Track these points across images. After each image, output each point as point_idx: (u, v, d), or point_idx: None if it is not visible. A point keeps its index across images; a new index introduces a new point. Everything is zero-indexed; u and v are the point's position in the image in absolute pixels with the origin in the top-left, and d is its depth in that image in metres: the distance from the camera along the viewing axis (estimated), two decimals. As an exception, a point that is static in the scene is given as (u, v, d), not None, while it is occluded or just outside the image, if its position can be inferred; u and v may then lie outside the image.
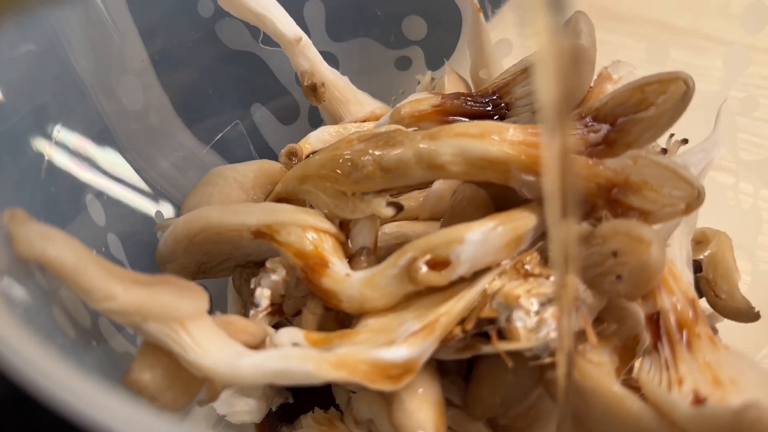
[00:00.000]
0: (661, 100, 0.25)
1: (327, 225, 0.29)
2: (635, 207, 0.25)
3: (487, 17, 0.42)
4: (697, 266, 0.34)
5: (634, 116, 0.26)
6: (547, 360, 0.24)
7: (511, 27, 0.43)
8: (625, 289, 0.24)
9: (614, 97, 0.27)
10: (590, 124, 0.27)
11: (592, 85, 0.31)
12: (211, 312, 0.25)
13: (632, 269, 0.23)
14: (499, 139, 0.26)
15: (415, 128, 0.33)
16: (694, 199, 0.24)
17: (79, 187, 0.28)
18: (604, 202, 0.25)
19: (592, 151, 0.26)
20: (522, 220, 0.27)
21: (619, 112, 0.26)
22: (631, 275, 0.24)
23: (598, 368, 0.23)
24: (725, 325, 0.34)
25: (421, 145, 0.27)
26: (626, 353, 0.25)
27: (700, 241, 0.35)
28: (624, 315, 0.26)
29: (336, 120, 0.39)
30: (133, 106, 0.33)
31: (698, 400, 0.20)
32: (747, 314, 0.32)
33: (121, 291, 0.21)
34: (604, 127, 0.27)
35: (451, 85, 0.39)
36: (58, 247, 0.21)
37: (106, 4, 0.31)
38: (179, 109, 0.35)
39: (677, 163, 0.24)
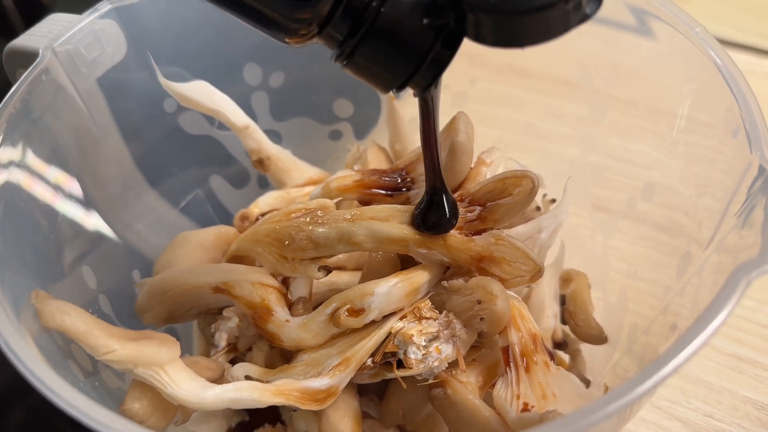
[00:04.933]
0: (516, 191, 0.33)
1: (272, 281, 0.37)
2: (496, 275, 0.33)
3: (397, 94, 0.50)
4: (563, 300, 0.43)
5: (498, 201, 0.34)
6: (432, 381, 0.33)
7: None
8: (486, 327, 0.33)
9: (484, 186, 0.35)
10: (468, 206, 0.36)
11: (472, 166, 0.39)
12: (181, 355, 0.33)
13: (488, 314, 0.32)
14: (400, 222, 0.34)
15: (341, 198, 0.42)
16: (536, 272, 0.33)
17: (78, 261, 0.36)
18: (475, 268, 0.34)
19: (469, 225, 0.35)
20: (417, 277, 0.35)
21: (488, 198, 0.34)
22: (488, 318, 0.32)
23: (466, 386, 0.32)
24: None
25: (342, 226, 0.34)
26: (489, 374, 0.34)
27: (565, 279, 0.43)
28: (493, 345, 0.35)
29: (281, 185, 0.47)
30: (114, 189, 0.41)
31: (525, 410, 0.29)
32: (598, 338, 0.40)
33: (118, 346, 0.29)
34: (478, 208, 0.35)
35: (373, 156, 0.47)
36: (72, 318, 0.29)
37: (89, 110, 0.39)
38: (152, 183, 0.43)
39: (526, 246, 0.33)
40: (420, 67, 0.26)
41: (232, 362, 0.38)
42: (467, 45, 0.54)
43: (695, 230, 0.33)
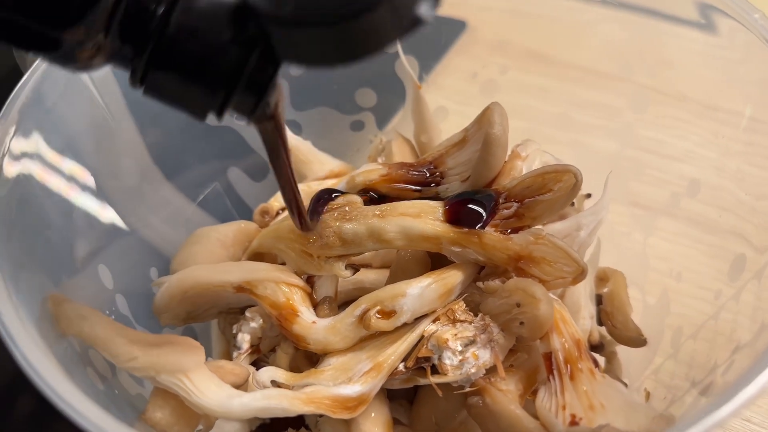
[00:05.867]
0: (557, 187, 0.32)
1: (296, 280, 0.35)
2: (535, 276, 0.31)
3: (421, 79, 0.48)
4: (599, 300, 0.42)
5: (537, 198, 0.32)
6: (468, 389, 0.32)
7: (446, 91, 0.49)
8: (526, 332, 0.31)
9: (522, 182, 0.33)
10: (504, 202, 0.34)
11: (506, 160, 0.37)
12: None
13: (529, 318, 0.30)
14: (432, 219, 0.33)
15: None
16: (579, 274, 0.31)
17: (93, 259, 0.34)
18: (513, 268, 0.32)
19: (505, 223, 0.34)
20: (451, 277, 0.33)
21: (526, 194, 0.33)
22: (529, 322, 0.30)
23: (506, 395, 0.30)
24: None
25: (371, 222, 0.33)
26: (528, 382, 0.32)
27: (601, 278, 0.42)
28: (531, 349, 0.34)
29: (301, 178, 0.45)
30: (130, 182, 0.39)
31: (573, 422, 0.28)
32: (637, 341, 0.39)
33: (140, 353, 0.28)
34: (515, 205, 0.33)
35: (397, 148, 0.45)
36: (92, 323, 0.27)
37: (104, 99, 0.37)
38: (169, 176, 0.41)
39: (569, 244, 0.31)
40: (233, 90, 0.21)
41: (254, 364, 0.37)
42: (494, 32, 0.52)
43: (751, 232, 0.31)
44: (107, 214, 0.37)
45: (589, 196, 0.42)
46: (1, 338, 0.23)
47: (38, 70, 0.32)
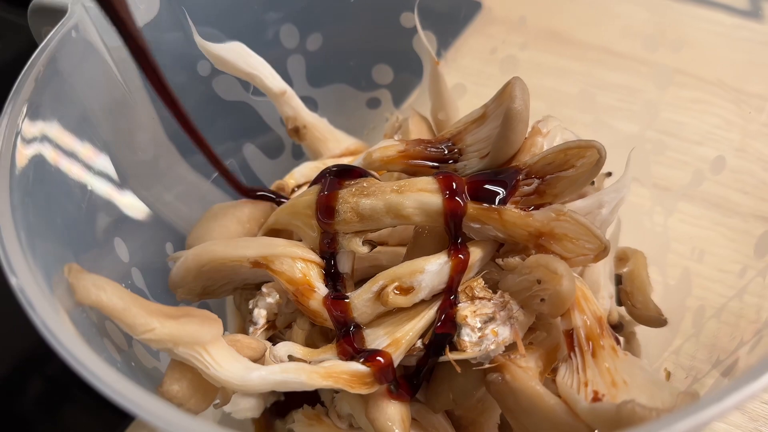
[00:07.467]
0: (579, 163, 0.31)
1: (313, 256, 0.35)
2: (557, 253, 0.31)
3: (439, 55, 0.47)
4: (619, 279, 0.41)
5: (559, 174, 0.32)
6: (487, 366, 0.31)
7: (463, 69, 0.49)
8: (547, 309, 0.31)
9: (544, 157, 0.33)
10: (524, 178, 0.33)
11: (526, 136, 0.37)
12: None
13: (550, 295, 0.30)
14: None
15: (384, 171, 0.39)
16: (602, 251, 0.30)
17: (110, 232, 0.34)
18: (533, 245, 0.31)
19: (526, 199, 0.33)
20: (470, 254, 0.33)
21: (547, 170, 0.32)
22: (550, 299, 0.30)
23: (526, 372, 0.30)
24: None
25: (390, 197, 0.32)
26: (548, 359, 0.32)
27: (621, 258, 0.41)
28: (551, 327, 0.33)
29: (316, 156, 0.45)
30: (145, 157, 0.38)
31: (596, 399, 0.27)
32: (657, 321, 0.38)
33: (157, 324, 0.27)
34: (536, 181, 0.33)
35: (414, 126, 0.44)
36: (108, 294, 0.26)
37: (120, 71, 0.36)
38: (183, 152, 0.41)
39: (591, 222, 0.31)
40: None
41: (270, 340, 0.37)
42: (511, 11, 0.52)
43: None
44: (123, 189, 0.37)
45: (609, 174, 0.42)
46: (20, 306, 0.23)
47: (54, 39, 0.32)
